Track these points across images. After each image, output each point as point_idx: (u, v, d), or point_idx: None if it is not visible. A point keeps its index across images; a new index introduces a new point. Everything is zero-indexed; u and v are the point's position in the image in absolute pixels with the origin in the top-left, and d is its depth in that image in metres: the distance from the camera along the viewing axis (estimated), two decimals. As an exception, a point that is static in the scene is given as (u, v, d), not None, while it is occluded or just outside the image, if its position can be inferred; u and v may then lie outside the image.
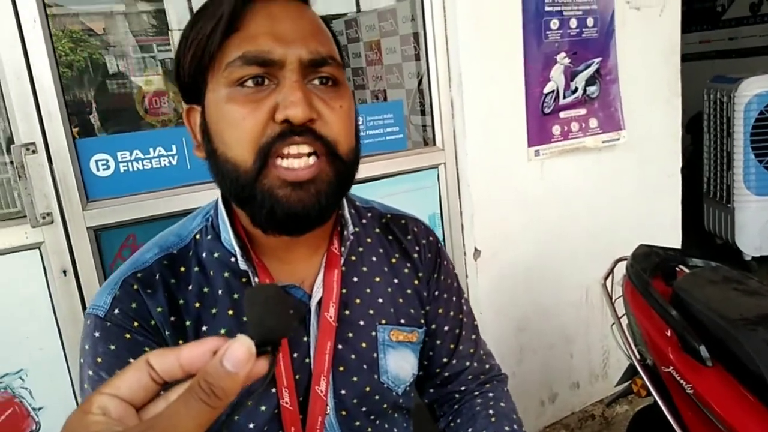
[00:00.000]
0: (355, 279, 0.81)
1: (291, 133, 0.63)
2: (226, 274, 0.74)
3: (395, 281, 0.84)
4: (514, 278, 1.99)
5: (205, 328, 0.72)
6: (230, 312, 0.73)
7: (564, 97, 1.93)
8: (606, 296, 1.47)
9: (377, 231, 0.86)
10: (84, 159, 1.36)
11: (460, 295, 0.93)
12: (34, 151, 1.29)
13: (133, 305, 0.70)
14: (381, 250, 0.85)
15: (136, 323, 0.70)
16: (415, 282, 0.86)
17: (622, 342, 1.37)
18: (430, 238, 0.90)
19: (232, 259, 0.73)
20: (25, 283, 1.35)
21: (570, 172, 2.03)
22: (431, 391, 0.93)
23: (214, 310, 0.73)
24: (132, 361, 0.39)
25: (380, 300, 0.82)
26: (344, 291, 0.79)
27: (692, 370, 1.09)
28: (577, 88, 1.95)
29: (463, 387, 0.92)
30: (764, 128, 3.19)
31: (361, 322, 0.79)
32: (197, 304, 0.73)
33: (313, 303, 0.76)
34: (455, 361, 0.91)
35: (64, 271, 1.36)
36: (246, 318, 0.40)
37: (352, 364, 0.78)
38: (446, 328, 0.90)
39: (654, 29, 2.11)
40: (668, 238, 2.30)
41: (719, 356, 1.07)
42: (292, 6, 0.68)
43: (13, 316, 1.34)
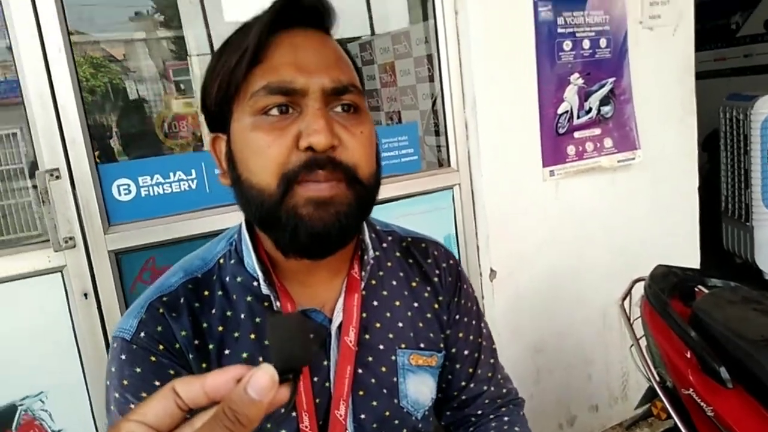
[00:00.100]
0: (375, 303, 0.81)
1: (315, 166, 0.64)
2: (249, 298, 0.75)
3: (415, 305, 0.85)
4: (530, 299, 1.97)
5: (227, 351, 0.73)
6: (252, 336, 0.74)
7: (578, 117, 1.94)
8: (624, 317, 1.46)
9: (397, 255, 0.87)
10: (106, 184, 1.39)
11: (480, 319, 0.93)
12: (58, 177, 1.32)
13: (159, 329, 0.71)
14: (401, 274, 0.85)
15: (161, 346, 0.71)
16: (435, 306, 0.86)
17: (641, 364, 1.35)
18: (451, 262, 0.90)
19: (255, 284, 0.74)
20: (47, 307, 1.37)
21: (585, 192, 2.02)
22: (448, 414, 0.93)
23: (236, 334, 0.74)
24: (157, 384, 0.40)
25: (400, 324, 0.82)
26: (364, 315, 0.79)
27: (713, 392, 1.08)
28: (591, 108, 1.95)
29: (479, 411, 0.91)
30: (781, 145, 3.16)
31: (381, 347, 0.80)
32: (220, 328, 0.74)
33: (333, 327, 0.76)
34: (473, 385, 0.91)
35: (85, 294, 1.37)
36: (269, 345, 0.41)
37: (372, 389, 0.79)
38: (466, 352, 0.89)
39: (667, 48, 2.11)
40: (686, 257, 2.27)
41: (740, 377, 1.06)
42: (315, 36, 0.70)
43: (34, 339, 1.36)
